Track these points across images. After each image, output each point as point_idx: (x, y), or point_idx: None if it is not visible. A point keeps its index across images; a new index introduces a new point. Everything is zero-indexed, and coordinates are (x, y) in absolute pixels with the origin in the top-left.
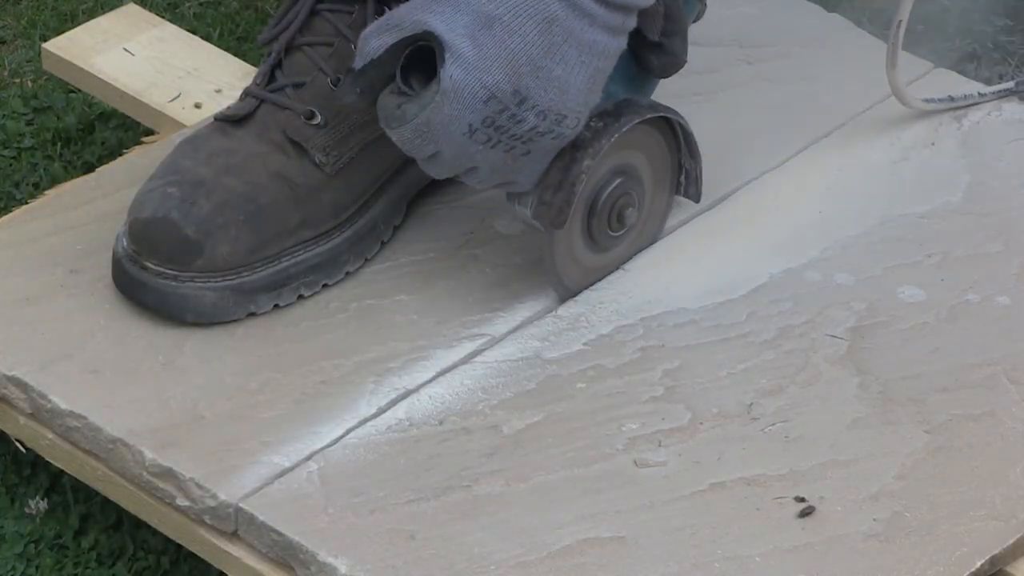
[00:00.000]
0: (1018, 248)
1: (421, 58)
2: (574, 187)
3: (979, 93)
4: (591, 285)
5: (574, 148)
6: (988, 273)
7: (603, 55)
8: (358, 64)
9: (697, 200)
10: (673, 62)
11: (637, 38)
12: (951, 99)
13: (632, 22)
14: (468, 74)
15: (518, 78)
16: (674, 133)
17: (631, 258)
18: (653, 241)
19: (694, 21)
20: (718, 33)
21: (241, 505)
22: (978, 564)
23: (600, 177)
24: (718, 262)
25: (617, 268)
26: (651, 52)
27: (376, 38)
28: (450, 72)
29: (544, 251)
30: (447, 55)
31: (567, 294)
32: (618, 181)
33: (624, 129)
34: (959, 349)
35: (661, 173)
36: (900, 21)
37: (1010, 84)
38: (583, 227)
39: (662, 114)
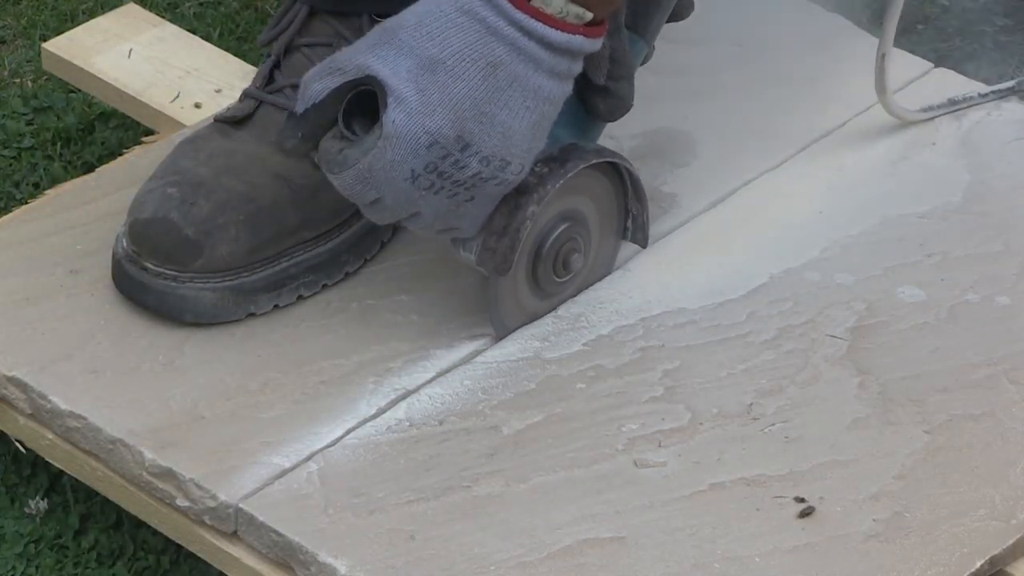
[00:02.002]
0: (1018, 248)
1: (364, 103)
2: (519, 233)
3: (980, 94)
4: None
5: (519, 194)
6: (988, 273)
7: (548, 100)
8: (299, 108)
9: (644, 245)
10: (620, 105)
11: (583, 81)
12: (951, 102)
13: (578, 67)
14: (410, 119)
15: (461, 123)
16: (621, 178)
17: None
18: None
19: (641, 64)
20: (718, 33)
21: (241, 505)
22: (978, 564)
23: (546, 223)
24: (718, 262)
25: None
26: (597, 96)
27: (318, 82)
28: (392, 117)
29: (488, 296)
30: (389, 99)
31: (507, 333)
32: (564, 227)
33: (569, 175)
34: (959, 349)
35: (608, 218)
36: (883, 55)
37: (1010, 84)
38: (528, 273)
39: (608, 159)
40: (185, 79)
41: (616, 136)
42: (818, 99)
